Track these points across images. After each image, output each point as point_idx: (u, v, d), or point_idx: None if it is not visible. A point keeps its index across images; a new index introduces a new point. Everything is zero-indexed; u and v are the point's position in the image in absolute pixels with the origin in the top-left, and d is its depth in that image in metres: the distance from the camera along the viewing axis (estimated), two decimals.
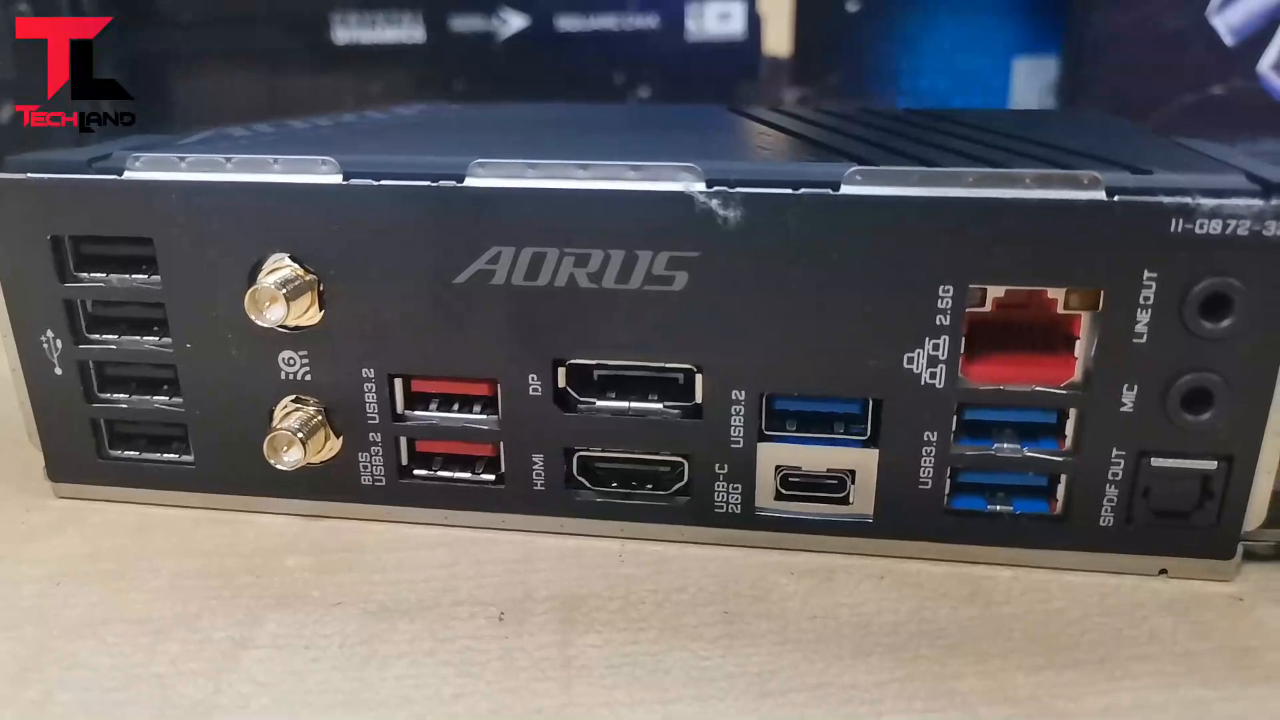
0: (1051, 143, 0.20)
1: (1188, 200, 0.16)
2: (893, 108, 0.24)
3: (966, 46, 0.68)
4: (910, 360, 0.18)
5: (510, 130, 0.22)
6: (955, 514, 0.19)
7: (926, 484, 0.19)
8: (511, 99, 0.64)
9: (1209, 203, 0.16)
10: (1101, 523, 0.18)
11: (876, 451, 0.19)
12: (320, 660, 0.17)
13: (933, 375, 0.18)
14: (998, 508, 0.19)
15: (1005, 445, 0.18)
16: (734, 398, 0.18)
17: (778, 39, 0.66)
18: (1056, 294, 0.17)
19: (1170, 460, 0.18)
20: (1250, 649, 0.17)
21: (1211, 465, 0.18)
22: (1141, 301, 0.17)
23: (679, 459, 0.19)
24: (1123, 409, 0.18)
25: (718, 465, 0.19)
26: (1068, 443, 0.18)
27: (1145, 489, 0.18)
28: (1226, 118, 0.57)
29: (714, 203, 0.17)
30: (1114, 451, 0.18)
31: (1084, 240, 0.17)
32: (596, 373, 0.19)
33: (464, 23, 0.62)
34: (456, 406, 0.20)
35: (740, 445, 0.19)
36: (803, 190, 0.17)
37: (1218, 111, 0.57)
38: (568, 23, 0.63)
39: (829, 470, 0.19)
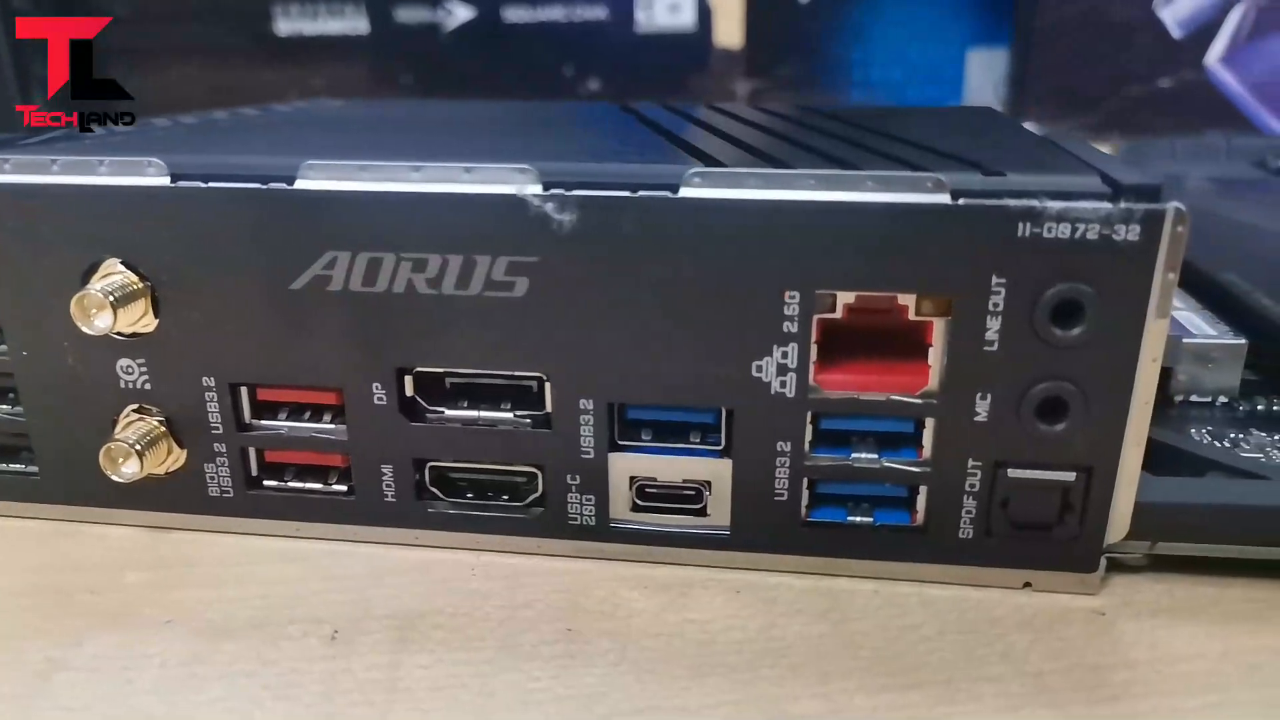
0: (924, 143, 0.19)
1: (1034, 203, 0.16)
2: (798, 105, 0.23)
3: (920, 38, 0.68)
4: (759, 369, 0.17)
5: (375, 129, 0.21)
6: (815, 526, 0.18)
7: (782, 495, 0.18)
8: (458, 92, 0.63)
9: (1056, 206, 0.16)
10: (961, 535, 0.18)
11: (730, 462, 0.18)
12: (135, 683, 0.16)
13: (783, 384, 0.17)
14: (858, 519, 0.18)
15: (863, 455, 0.18)
16: (582, 407, 0.18)
17: (728, 31, 0.65)
18: (907, 300, 0.17)
19: (1027, 471, 0.17)
20: (1101, 667, 0.16)
21: (1070, 476, 0.17)
22: (991, 308, 0.16)
23: (533, 470, 0.19)
24: (977, 418, 0.17)
25: (569, 476, 0.18)
26: (926, 453, 0.18)
27: (1004, 500, 0.17)
28: (1174, 110, 0.56)
29: (549, 206, 0.16)
30: (970, 462, 0.17)
31: (929, 245, 0.16)
32: (449, 380, 0.19)
33: (409, 14, 0.61)
34: (309, 415, 0.19)
35: (591, 456, 0.18)
36: (641, 193, 0.16)
37: (1166, 104, 0.57)
38: (515, 14, 0.62)
39: (685, 481, 0.18)
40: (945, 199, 0.16)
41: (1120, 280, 0.16)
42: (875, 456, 0.18)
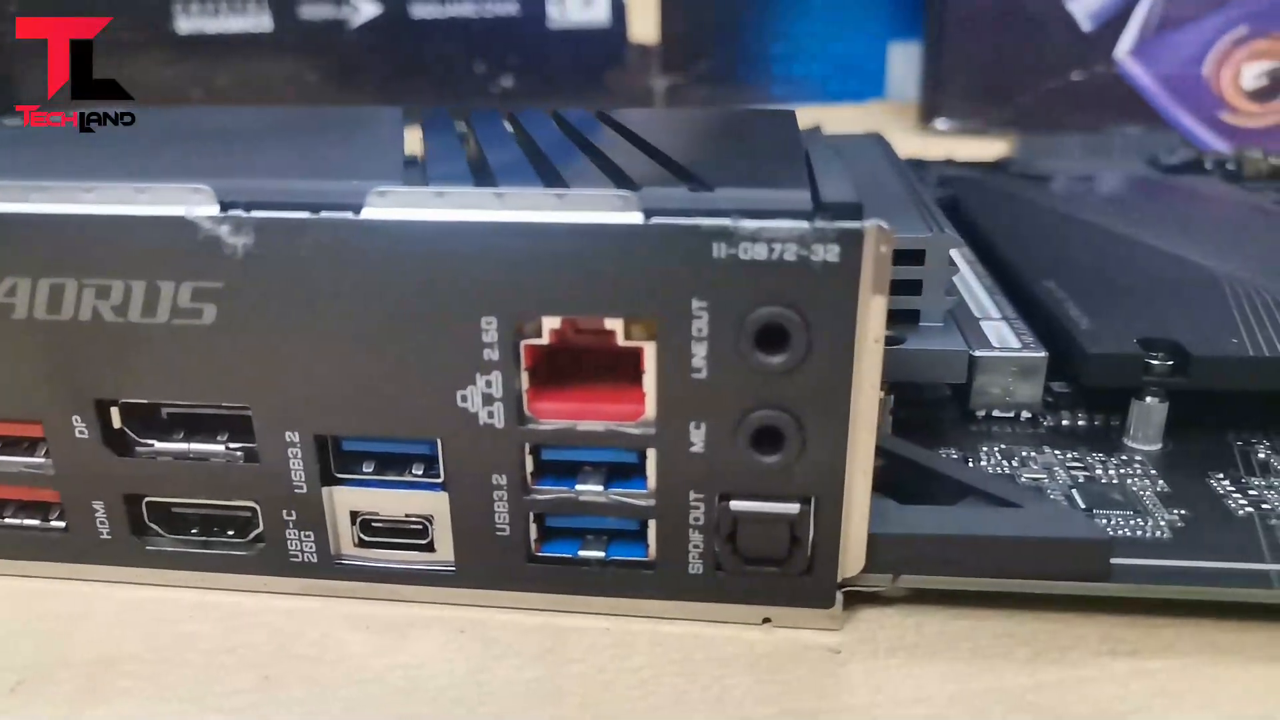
0: (667, 153, 0.18)
1: (727, 222, 0.15)
2: (595, 108, 0.22)
3: (841, 32, 0.67)
4: (464, 399, 0.16)
5: (84, 143, 0.20)
6: (545, 561, 0.17)
7: (505, 530, 0.17)
8: (366, 91, 0.62)
9: (750, 225, 0.15)
10: (691, 570, 0.17)
11: (448, 496, 0.17)
12: None
13: (490, 414, 0.16)
14: (590, 554, 0.17)
15: (589, 487, 0.17)
16: (288, 439, 0.17)
17: (644, 26, 0.64)
18: (615, 325, 0.16)
19: (750, 503, 0.16)
20: (812, 712, 0.15)
21: (794, 508, 0.16)
22: (695, 334, 0.15)
23: (251, 505, 0.18)
24: (693, 449, 0.16)
25: (285, 512, 0.17)
26: (651, 484, 0.17)
27: (730, 534, 0.16)
28: (1087, 105, 0.55)
29: (223, 229, 0.15)
30: (692, 495, 0.16)
31: (623, 266, 0.15)
32: (165, 411, 0.18)
33: (313, 10, 0.60)
34: (25, 448, 0.18)
35: (305, 490, 0.17)
36: (323, 214, 0.15)
37: (1079, 98, 0.56)
38: (423, 9, 0.61)
39: (407, 515, 0.17)
40: (637, 218, 0.15)
41: (824, 303, 0.15)
42: (600, 489, 0.17)
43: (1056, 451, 0.21)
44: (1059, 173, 0.37)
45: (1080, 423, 0.22)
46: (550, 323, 0.16)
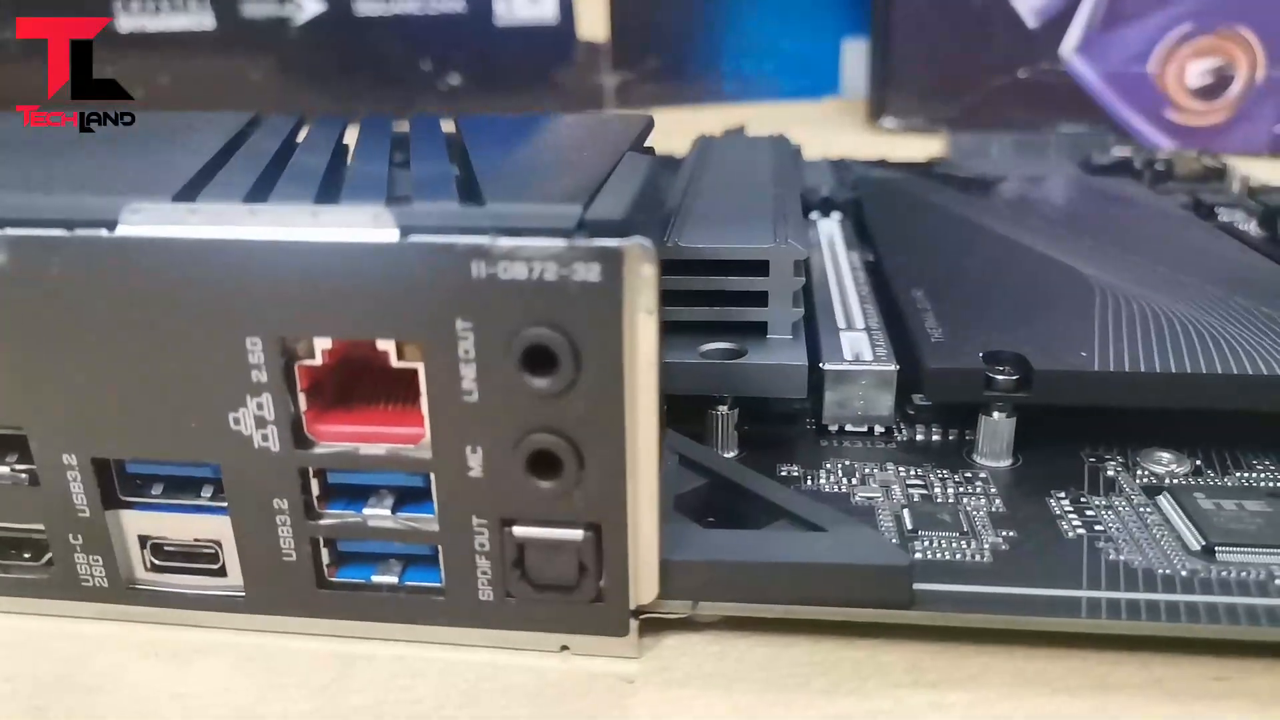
0: (483, 164, 0.18)
1: (483, 241, 0.14)
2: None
3: (793, 28, 0.66)
4: (237, 421, 0.16)
5: None
6: (337, 586, 0.17)
7: (291, 555, 0.16)
8: (311, 90, 0.61)
9: (506, 243, 0.14)
10: (481, 597, 0.16)
11: (230, 520, 0.16)
12: None
13: (265, 437, 0.16)
14: (383, 579, 0.17)
15: (376, 511, 0.16)
16: (66, 462, 0.16)
17: (592, 23, 0.63)
18: (387, 346, 0.15)
19: (533, 530, 0.16)
20: None
21: (577, 534, 0.16)
22: (462, 355, 0.15)
23: (39, 527, 0.17)
24: (472, 473, 0.15)
25: (71, 535, 0.17)
26: (436, 509, 0.16)
27: (517, 560, 0.16)
28: (1033, 102, 0.55)
29: None
30: (474, 520, 0.16)
31: (384, 286, 0.14)
32: None
33: (256, 8, 0.59)
34: None
35: (88, 514, 0.17)
36: (78, 231, 0.15)
37: (1025, 95, 0.55)
38: (368, 7, 0.61)
39: (196, 540, 0.17)
40: (392, 235, 0.14)
41: (589, 324, 0.14)
42: (389, 513, 0.16)
43: (902, 468, 0.20)
44: (984, 174, 0.37)
45: (935, 438, 0.22)
46: (322, 343, 0.15)
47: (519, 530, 0.16)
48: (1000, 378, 0.20)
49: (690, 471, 0.19)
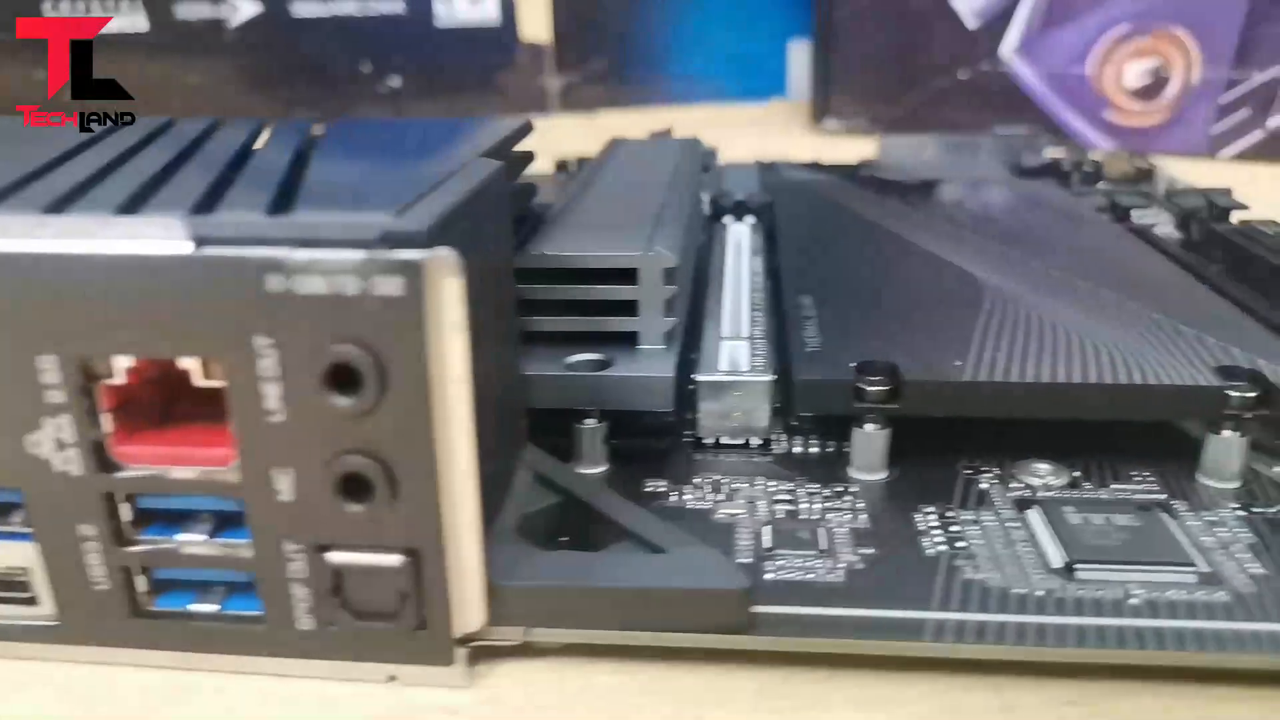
0: (332, 169, 0.17)
1: (279, 253, 0.13)
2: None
3: (739, 30, 0.65)
4: (35, 444, 0.15)
5: None
6: (155, 615, 0.16)
7: (103, 584, 0.16)
8: (249, 94, 0.60)
9: (302, 256, 0.13)
10: (301, 626, 0.16)
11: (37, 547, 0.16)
12: None
13: (65, 460, 0.15)
14: (203, 608, 0.16)
15: (192, 537, 0.16)
16: None
17: (534, 24, 0.63)
18: (191, 364, 0.14)
19: (348, 555, 0.15)
20: None
21: (394, 560, 0.15)
22: (263, 374, 0.14)
23: None
24: (281, 497, 0.15)
25: None
26: (250, 534, 0.15)
27: (334, 587, 0.15)
28: (974, 103, 0.54)
29: None
30: (288, 546, 0.15)
31: (179, 301, 0.14)
32: None
33: (189, 9, 0.58)
34: None
35: None
36: None
37: (967, 96, 0.55)
38: (305, 8, 0.60)
39: (7, 568, 0.16)
40: (186, 248, 0.13)
41: (393, 341, 0.13)
42: (204, 539, 0.16)
43: (773, 483, 0.20)
44: (906, 177, 0.36)
45: (814, 450, 0.21)
46: (123, 361, 0.14)
47: (334, 556, 0.15)
48: (871, 389, 0.19)
49: (544, 489, 0.18)
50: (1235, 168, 0.48)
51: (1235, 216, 0.31)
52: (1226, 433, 0.19)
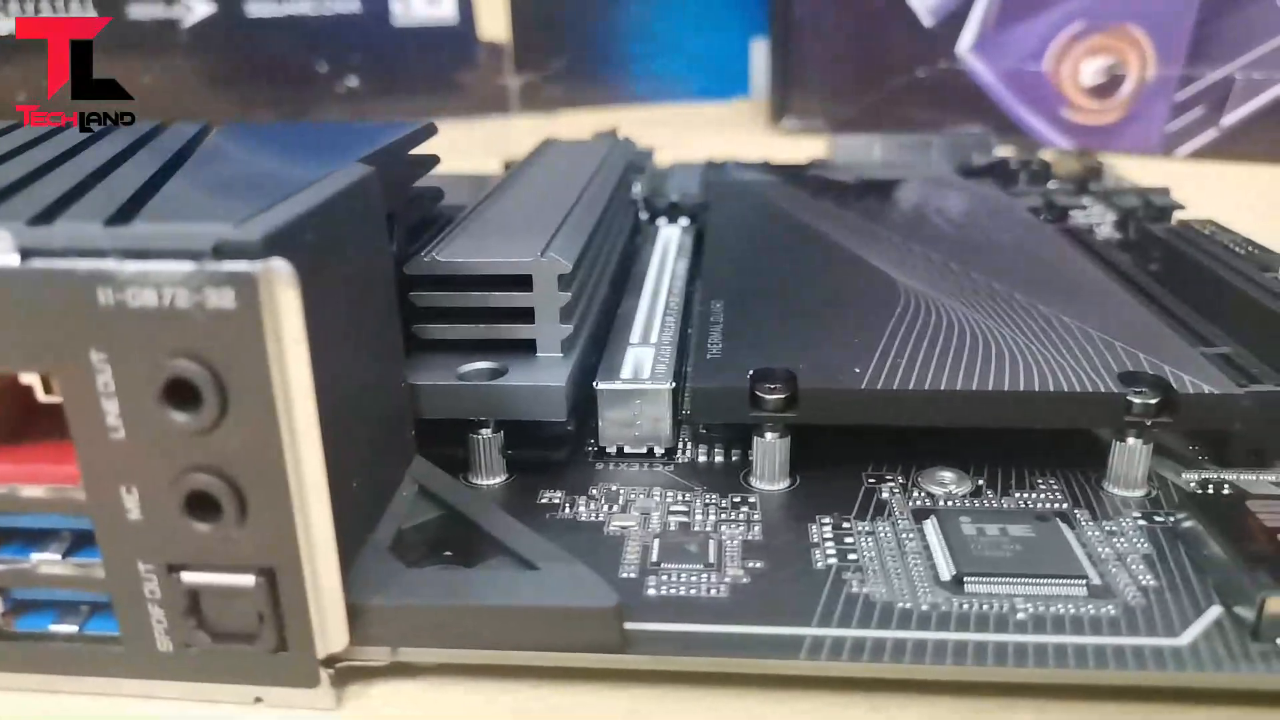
0: (203, 177, 0.17)
1: (108, 265, 0.13)
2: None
3: (701, 28, 0.65)
4: None
5: None
6: (13, 637, 0.16)
7: None
8: (204, 96, 0.59)
9: (131, 268, 0.13)
10: (160, 648, 0.15)
11: None
12: None
13: None
14: (62, 629, 0.16)
15: (46, 557, 0.15)
16: None
17: (493, 23, 0.62)
18: (31, 379, 0.14)
19: (202, 576, 0.14)
20: None
21: (249, 580, 0.14)
22: (102, 389, 0.13)
23: None
24: (130, 516, 0.14)
25: None
26: (103, 553, 0.15)
27: (190, 608, 0.15)
28: (932, 102, 0.54)
29: None
30: (140, 565, 0.15)
31: (10, 314, 0.13)
32: None
33: (142, 9, 0.58)
34: None
35: None
36: None
37: (924, 95, 0.54)
38: (259, 8, 0.59)
39: None
40: (12, 260, 0.13)
41: (230, 354, 0.13)
42: (59, 559, 0.15)
43: (671, 493, 0.19)
44: (849, 177, 0.36)
45: (718, 459, 0.21)
46: None
47: (188, 576, 0.14)
48: (768, 396, 0.19)
49: (428, 503, 0.18)
50: (1189, 166, 0.48)
51: (1176, 216, 0.31)
52: (1131, 440, 0.19)
